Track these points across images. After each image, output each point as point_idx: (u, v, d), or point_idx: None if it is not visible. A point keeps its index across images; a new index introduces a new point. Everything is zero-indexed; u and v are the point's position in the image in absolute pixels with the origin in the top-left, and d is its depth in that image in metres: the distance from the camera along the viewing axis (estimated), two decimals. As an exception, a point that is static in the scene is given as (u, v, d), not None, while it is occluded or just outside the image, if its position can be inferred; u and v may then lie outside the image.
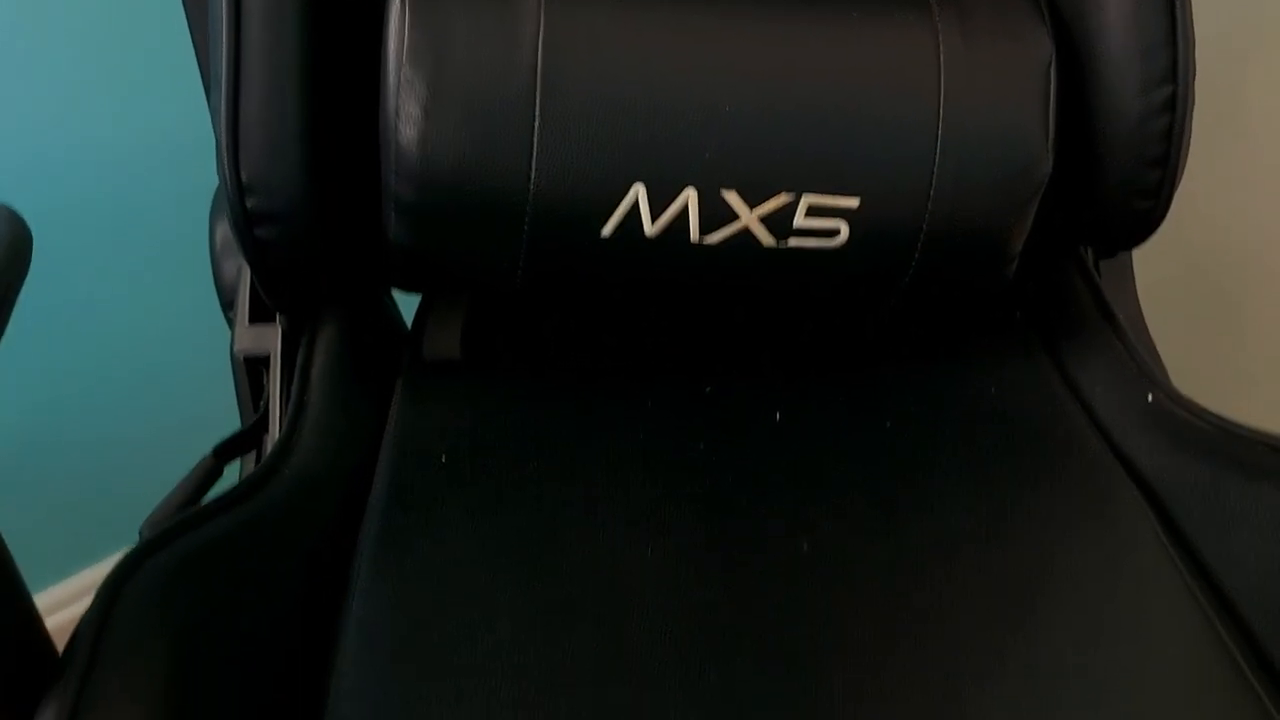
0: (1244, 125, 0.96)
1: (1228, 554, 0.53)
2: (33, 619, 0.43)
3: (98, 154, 0.85)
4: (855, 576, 0.53)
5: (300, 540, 0.52)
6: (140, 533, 0.54)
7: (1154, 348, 0.64)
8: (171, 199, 0.80)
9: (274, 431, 0.61)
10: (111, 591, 0.43)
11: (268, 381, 0.63)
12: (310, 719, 0.46)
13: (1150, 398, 0.60)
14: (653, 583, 0.52)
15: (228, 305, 0.65)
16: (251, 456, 0.63)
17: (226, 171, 0.53)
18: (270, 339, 0.63)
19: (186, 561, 0.46)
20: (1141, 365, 0.61)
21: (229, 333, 0.65)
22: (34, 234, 0.42)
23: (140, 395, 0.94)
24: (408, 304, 0.69)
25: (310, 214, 0.55)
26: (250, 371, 0.64)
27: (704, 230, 0.56)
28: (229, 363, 0.65)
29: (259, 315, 0.63)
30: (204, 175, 0.60)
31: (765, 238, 0.56)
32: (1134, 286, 0.67)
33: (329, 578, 0.52)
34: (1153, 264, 0.69)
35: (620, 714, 0.46)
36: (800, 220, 0.56)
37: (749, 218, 0.56)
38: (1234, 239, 0.99)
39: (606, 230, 0.55)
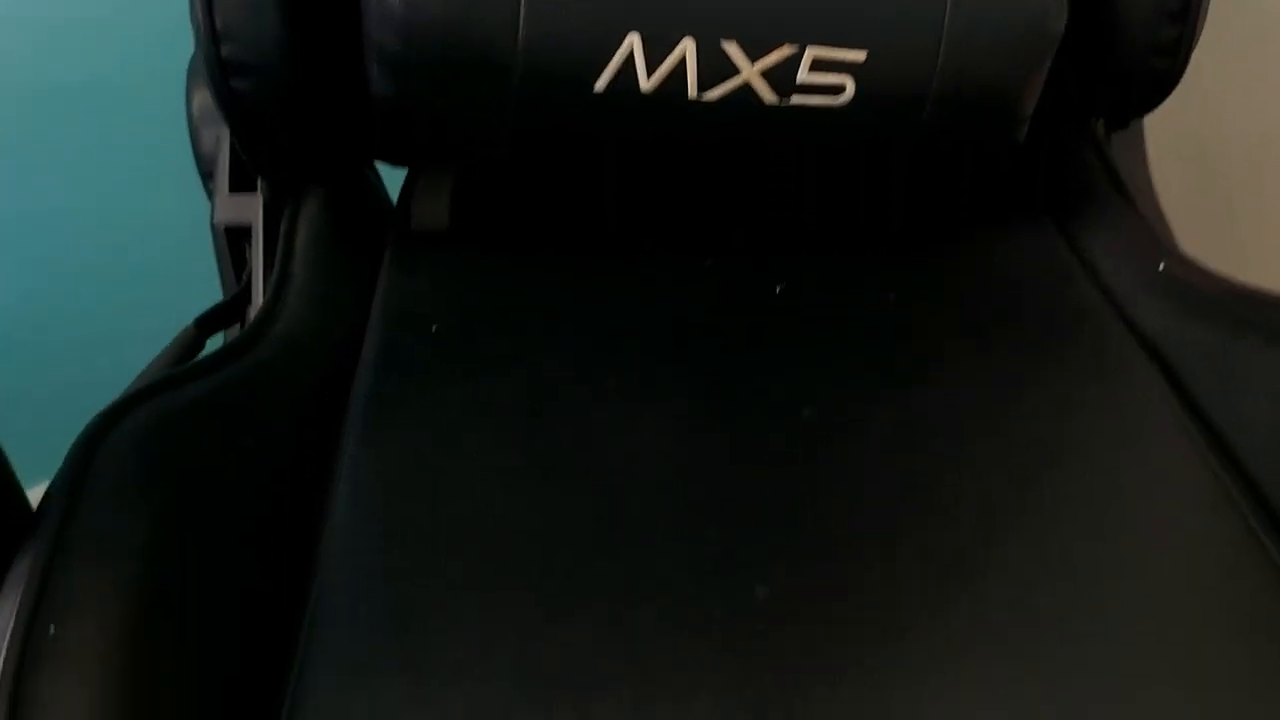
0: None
1: (1238, 417, 0.52)
2: (7, 472, 0.41)
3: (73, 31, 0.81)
4: (858, 442, 0.51)
5: (287, 403, 0.51)
6: (121, 402, 0.52)
7: (1164, 216, 0.62)
8: (149, 73, 0.77)
9: (257, 302, 0.59)
10: (88, 447, 0.41)
11: (250, 253, 0.61)
12: (299, 581, 0.45)
13: (1161, 265, 0.58)
14: (650, 447, 0.50)
15: (207, 175, 0.63)
16: (235, 330, 0.61)
17: (200, 18, 0.50)
18: (252, 209, 0.60)
19: (168, 418, 0.44)
20: (1152, 233, 0.59)
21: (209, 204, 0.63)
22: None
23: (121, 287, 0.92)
24: (392, 183, 0.66)
25: (288, 64, 0.52)
26: (232, 243, 0.61)
27: (702, 85, 0.53)
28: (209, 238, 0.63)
29: (240, 184, 0.61)
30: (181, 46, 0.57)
31: (767, 94, 0.54)
32: (1145, 156, 0.65)
33: (317, 442, 0.51)
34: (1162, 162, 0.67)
35: (618, 574, 0.45)
36: (804, 75, 0.53)
37: (750, 72, 0.53)
38: (1243, 131, 0.97)
39: (599, 84, 0.53)
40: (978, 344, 0.57)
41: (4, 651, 0.34)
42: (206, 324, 0.58)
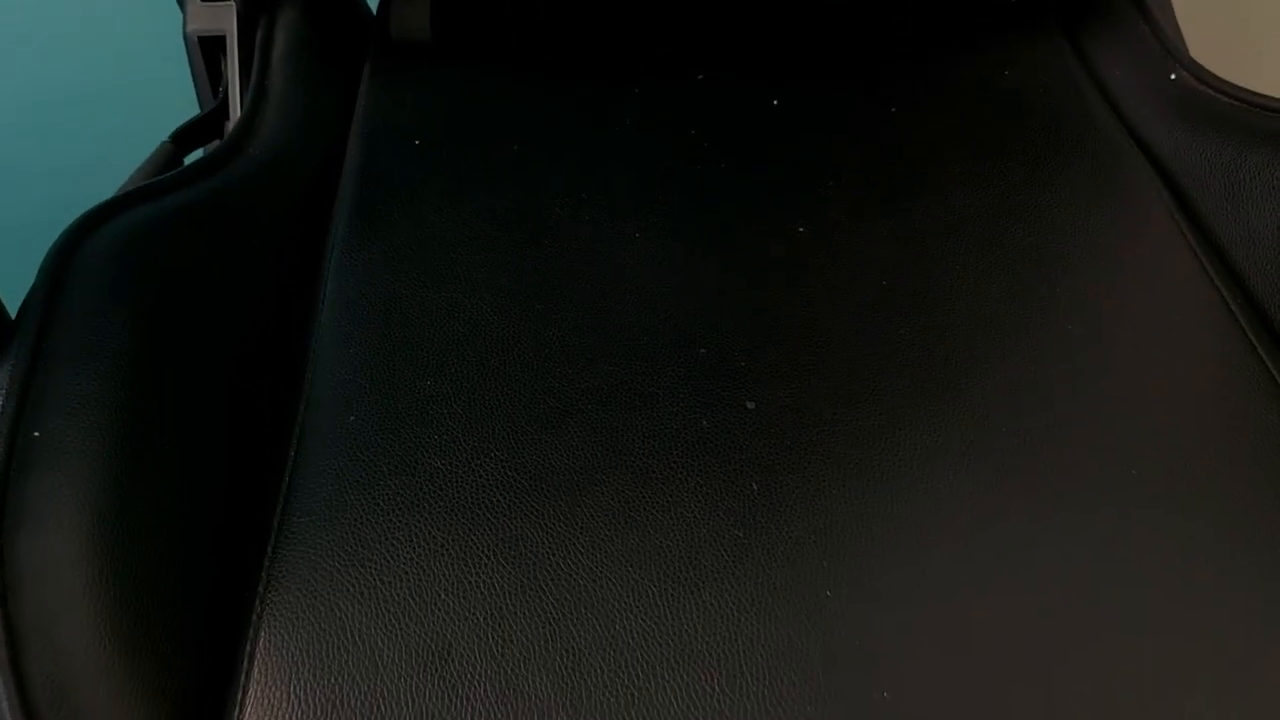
0: None
1: (1245, 230, 0.50)
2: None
3: None
4: (853, 256, 0.50)
5: (268, 216, 0.49)
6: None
7: (1178, 26, 0.60)
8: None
9: (234, 115, 0.57)
10: (63, 254, 0.40)
11: (225, 65, 0.58)
12: (286, 390, 0.45)
13: (1174, 76, 0.56)
14: (640, 259, 0.49)
15: (177, -18, 0.60)
16: (213, 145, 0.59)
17: None
18: (225, 18, 0.58)
19: (146, 226, 0.43)
20: (1166, 43, 0.57)
21: (179, 13, 0.60)
22: None
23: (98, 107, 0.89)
24: None
25: None
26: (206, 55, 0.59)
27: (697, -123, 0.50)
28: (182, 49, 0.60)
29: (212, -9, 0.58)
30: None
31: (765, -113, 0.50)
32: (1162, -38, 0.61)
33: (301, 255, 0.50)
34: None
35: (608, 386, 0.44)
36: None
37: None
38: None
39: (588, -125, 0.49)
40: (979, 157, 0.55)
41: (-11, 449, 0.34)
42: (183, 139, 0.56)
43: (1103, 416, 0.44)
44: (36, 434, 0.35)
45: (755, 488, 0.41)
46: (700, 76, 0.58)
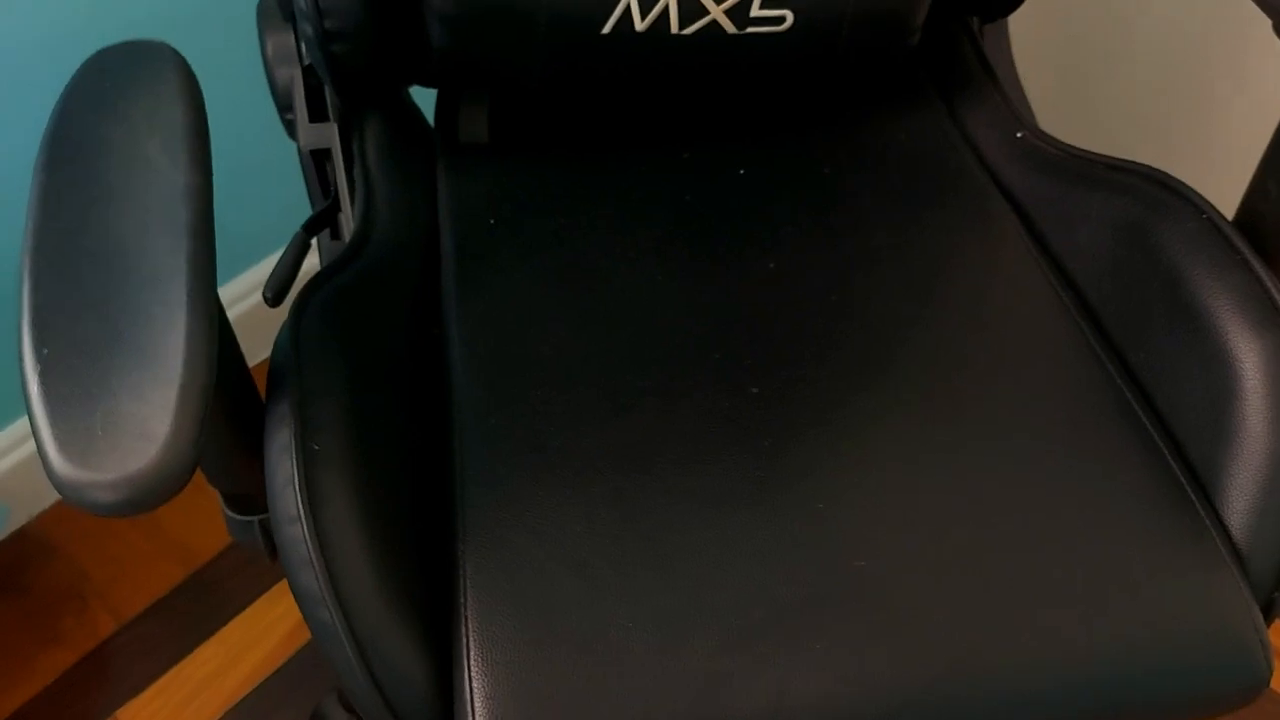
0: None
1: (1075, 247, 0.73)
2: (235, 347, 0.60)
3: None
4: (808, 282, 0.72)
5: (401, 285, 0.70)
6: (264, 294, 0.70)
7: (1024, 96, 0.83)
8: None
9: (346, 209, 0.76)
10: (295, 329, 0.60)
11: (331, 170, 0.78)
12: (440, 400, 0.65)
13: (1020, 134, 0.79)
14: (662, 295, 0.71)
15: (285, 109, 0.79)
16: (325, 233, 0.78)
17: (305, 2, 0.66)
18: (329, 134, 0.77)
19: (338, 299, 0.63)
20: (1014, 110, 0.80)
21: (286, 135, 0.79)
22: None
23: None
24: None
25: (370, 29, 0.68)
26: (317, 164, 0.78)
27: (682, 23, 0.71)
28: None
29: (316, 115, 0.77)
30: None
31: (729, 26, 0.72)
32: (1009, 46, 0.84)
33: (427, 313, 0.70)
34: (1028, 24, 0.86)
35: (658, 383, 0.65)
36: (755, 10, 0.71)
37: (716, 11, 0.71)
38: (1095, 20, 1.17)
39: (606, 28, 0.70)
40: (891, 202, 0.77)
41: (294, 459, 0.54)
42: (312, 227, 0.75)
43: (984, 378, 0.67)
44: (316, 447, 0.55)
45: (767, 444, 0.63)
46: (686, 155, 0.80)
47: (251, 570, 1.12)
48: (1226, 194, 0.68)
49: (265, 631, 1.10)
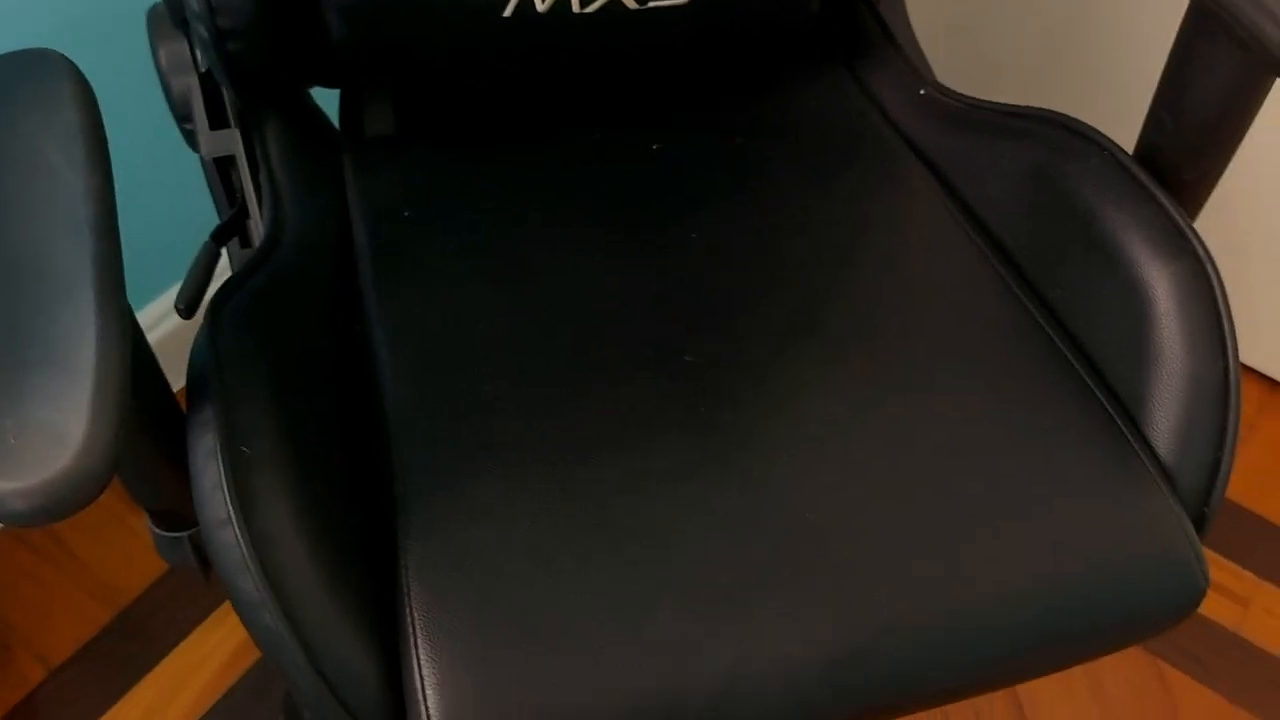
0: None
1: (986, 195, 0.75)
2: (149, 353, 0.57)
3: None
4: (730, 250, 0.72)
5: (316, 286, 0.68)
6: (176, 305, 0.68)
7: (922, 54, 0.84)
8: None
9: (254, 215, 0.74)
10: (211, 336, 0.58)
11: (236, 177, 0.76)
12: (369, 409, 0.63)
13: (922, 91, 0.80)
14: (592, 278, 0.70)
15: (183, 119, 0.77)
16: (235, 242, 0.76)
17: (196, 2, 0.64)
18: (231, 140, 0.75)
19: (254, 298, 0.61)
20: (914, 68, 0.81)
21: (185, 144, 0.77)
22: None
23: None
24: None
25: (265, 25, 0.67)
26: (220, 172, 0.76)
27: (583, 1, 0.71)
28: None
29: (216, 123, 0.75)
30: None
31: (630, 2, 0.72)
32: (904, 7, 0.86)
33: (347, 312, 0.68)
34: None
35: (600, 362, 0.65)
36: (656, -16, 0.72)
37: (616, -13, 0.71)
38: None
39: (508, 10, 0.70)
40: (804, 167, 0.78)
41: (221, 463, 0.52)
42: (220, 236, 0.73)
43: (909, 329, 0.68)
44: (245, 450, 0.54)
45: (703, 410, 0.63)
46: (597, 135, 0.79)
47: (182, 600, 1.09)
48: (1126, 130, 0.70)
49: (200, 664, 1.06)
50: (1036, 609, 0.58)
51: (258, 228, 0.73)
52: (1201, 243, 0.62)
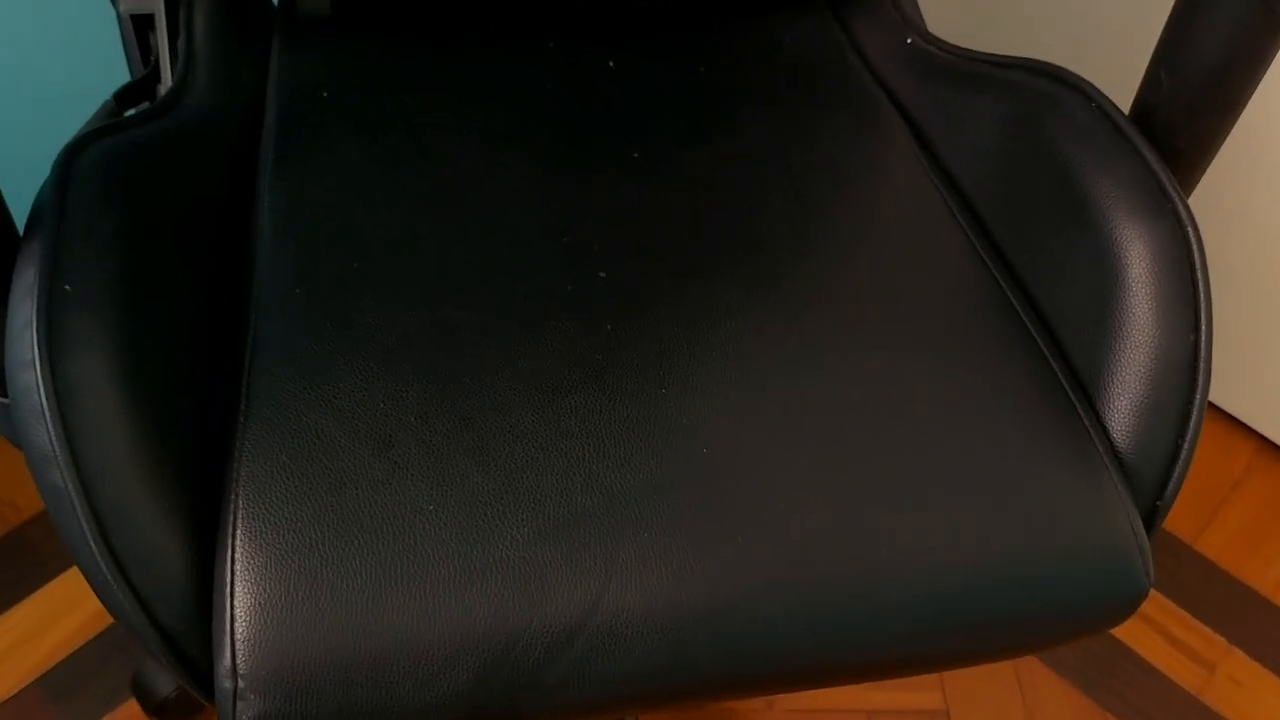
0: None
1: (960, 149, 0.68)
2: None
3: None
4: (674, 173, 0.66)
5: (209, 148, 0.61)
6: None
7: (917, 4, 0.78)
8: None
9: (166, 80, 0.68)
10: (65, 166, 0.51)
11: (154, 39, 0.70)
12: (240, 271, 0.57)
13: (909, 40, 0.74)
14: (511, 180, 0.64)
15: (105, -30, 0.71)
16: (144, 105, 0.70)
17: None
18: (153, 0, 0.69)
19: (127, 149, 0.55)
20: (904, 14, 0.75)
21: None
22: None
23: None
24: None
25: None
26: (138, 30, 0.70)
27: (543, -115, 0.65)
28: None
29: (139, -23, 0.69)
30: None
31: (595, -107, 0.66)
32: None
33: (237, 179, 0.62)
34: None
35: (495, 267, 0.58)
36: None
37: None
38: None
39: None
40: (769, 103, 0.71)
41: (36, 298, 0.46)
42: (124, 98, 0.67)
43: (856, 276, 0.61)
44: (67, 288, 0.47)
45: (609, 328, 0.56)
46: (551, 44, 0.73)
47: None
48: (1123, 90, 0.63)
49: (87, 593, 0.99)
50: (953, 585, 0.50)
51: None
52: (1185, 204, 0.56)
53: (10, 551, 1.03)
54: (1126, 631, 1.06)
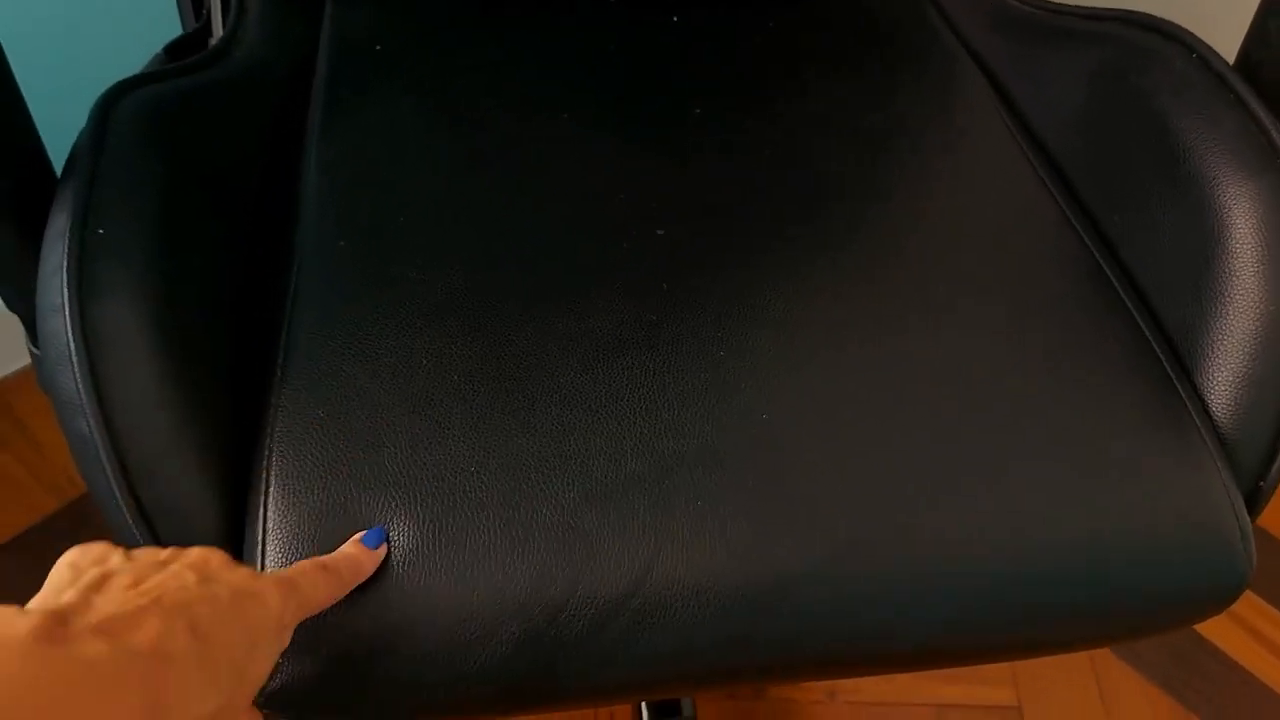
0: None
1: (1042, 105, 0.64)
2: (32, 134, 0.50)
3: None
4: (737, 132, 0.62)
5: (257, 103, 0.60)
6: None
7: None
8: None
9: (217, 33, 0.66)
10: (103, 112, 0.50)
11: (206, -7, 0.68)
12: (285, 223, 0.55)
13: (990, -5, 0.69)
14: (563, 139, 0.60)
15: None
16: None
17: None
18: (206, -48, 0.68)
19: (171, 96, 0.53)
20: (987, -31, 0.70)
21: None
22: None
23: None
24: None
25: None
26: (189, -16, 0.69)
27: None
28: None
29: (193, -71, 0.68)
30: None
31: None
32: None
33: (287, 135, 0.60)
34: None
35: (545, 228, 0.55)
36: None
37: None
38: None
39: None
40: (843, 62, 0.68)
41: (68, 242, 0.44)
42: (175, 50, 0.65)
43: (937, 241, 0.57)
44: (101, 231, 0.45)
45: (665, 287, 0.53)
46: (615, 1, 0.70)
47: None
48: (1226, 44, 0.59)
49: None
50: (1033, 571, 0.46)
51: (219, 49, 0.65)
52: (1298, 158, 0.51)
53: (61, 527, 1.03)
54: (1209, 627, 1.00)
